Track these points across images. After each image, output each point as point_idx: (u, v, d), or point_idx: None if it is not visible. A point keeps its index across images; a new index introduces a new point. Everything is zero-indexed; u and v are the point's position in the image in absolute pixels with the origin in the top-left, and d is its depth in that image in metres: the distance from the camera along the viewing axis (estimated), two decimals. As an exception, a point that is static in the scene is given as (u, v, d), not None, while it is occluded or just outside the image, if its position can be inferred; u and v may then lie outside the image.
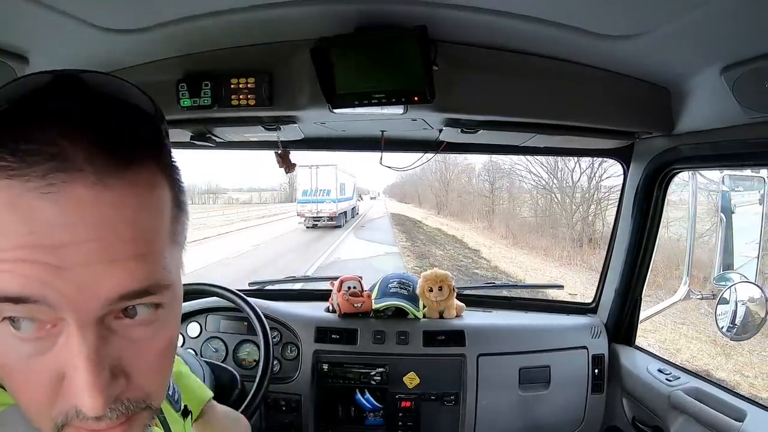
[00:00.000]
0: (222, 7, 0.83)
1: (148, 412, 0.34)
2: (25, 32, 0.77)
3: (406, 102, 0.95)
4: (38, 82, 0.31)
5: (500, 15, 0.83)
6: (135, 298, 0.31)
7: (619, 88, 1.05)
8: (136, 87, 0.35)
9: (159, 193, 0.32)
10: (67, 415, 0.30)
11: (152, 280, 0.31)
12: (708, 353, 5.26)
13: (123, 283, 0.30)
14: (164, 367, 0.36)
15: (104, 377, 0.30)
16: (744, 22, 0.70)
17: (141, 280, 0.31)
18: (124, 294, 0.30)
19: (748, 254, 1.32)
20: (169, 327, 0.35)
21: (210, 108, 1.01)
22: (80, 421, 0.30)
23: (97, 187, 0.28)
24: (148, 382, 0.33)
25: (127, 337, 0.32)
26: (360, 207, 27.01)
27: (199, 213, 28.99)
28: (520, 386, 1.41)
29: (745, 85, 0.80)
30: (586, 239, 11.93)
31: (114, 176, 0.29)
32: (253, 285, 1.74)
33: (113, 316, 0.31)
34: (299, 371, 1.42)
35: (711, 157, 1.11)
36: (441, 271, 1.51)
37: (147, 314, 0.32)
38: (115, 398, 0.31)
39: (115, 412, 0.31)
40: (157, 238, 0.32)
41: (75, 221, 0.28)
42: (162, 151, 0.34)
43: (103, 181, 0.29)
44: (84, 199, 0.28)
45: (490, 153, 2.59)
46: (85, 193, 0.28)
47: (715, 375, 4.68)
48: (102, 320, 0.30)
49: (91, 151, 0.28)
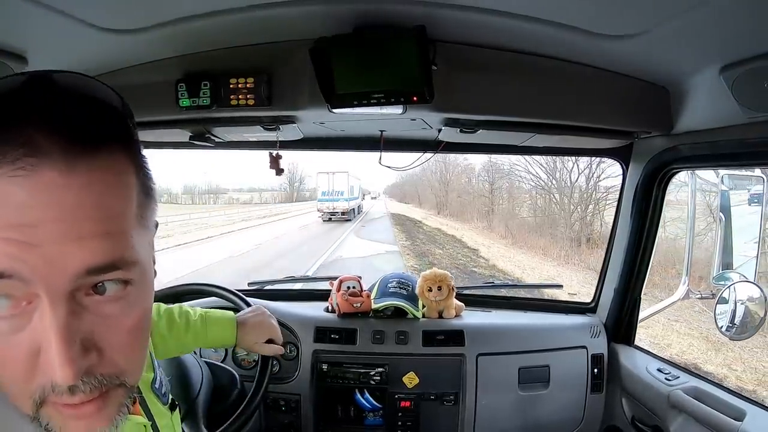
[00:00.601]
0: (221, 7, 0.83)
1: (123, 389, 0.36)
2: (24, 32, 0.77)
3: (405, 102, 0.96)
4: (14, 82, 0.34)
5: (499, 15, 0.84)
6: (102, 272, 0.33)
7: (618, 88, 1.05)
8: (106, 86, 0.38)
9: (125, 179, 0.35)
10: (44, 389, 0.32)
11: (117, 255, 0.33)
12: (698, 348, 5.34)
13: (89, 258, 0.32)
14: (137, 345, 0.37)
15: (75, 349, 0.32)
16: (743, 22, 0.70)
17: (106, 255, 0.33)
18: (91, 268, 0.32)
19: (746, 254, 1.32)
20: (139, 305, 0.37)
21: (209, 108, 1.01)
22: (56, 395, 0.32)
23: (65, 172, 0.31)
24: (120, 357, 0.35)
25: (97, 312, 0.34)
26: (363, 205, 30.45)
27: (200, 213, 29.15)
28: (519, 386, 1.41)
29: (744, 85, 0.80)
30: (584, 239, 11.97)
31: (81, 162, 0.32)
32: (252, 285, 1.74)
33: (84, 293, 0.33)
34: (299, 371, 1.42)
35: (710, 157, 1.11)
36: (440, 270, 1.51)
37: (116, 290, 0.34)
38: (86, 371, 0.33)
39: (88, 386, 0.33)
40: (123, 219, 0.35)
41: (45, 202, 0.30)
42: (129, 142, 0.36)
43: (70, 166, 0.31)
44: (53, 182, 0.31)
45: (489, 153, 2.60)
46: (54, 177, 0.31)
47: (703, 368, 4.75)
48: (73, 296, 0.32)
49: (59, 139, 0.31)
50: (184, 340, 1.01)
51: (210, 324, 1.05)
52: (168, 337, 0.98)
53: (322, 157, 20.81)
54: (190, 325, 1.03)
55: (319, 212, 21.54)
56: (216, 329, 1.05)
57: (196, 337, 1.03)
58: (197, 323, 1.03)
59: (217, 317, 1.06)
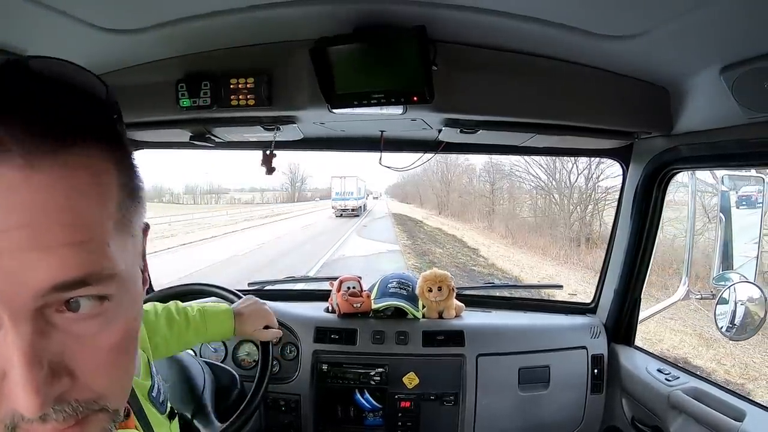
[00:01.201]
0: (221, 8, 0.83)
1: (104, 414, 0.32)
2: (24, 32, 0.77)
3: (406, 102, 0.96)
4: None
5: (500, 15, 0.83)
6: (71, 289, 0.28)
7: (618, 88, 1.05)
8: (94, 75, 0.34)
9: (102, 178, 0.31)
10: (13, 416, 0.28)
11: (90, 269, 0.29)
12: (690, 344, 5.42)
13: (55, 272, 0.27)
14: (119, 364, 0.33)
15: (41, 375, 0.27)
16: (743, 23, 0.70)
17: (76, 269, 0.28)
18: (58, 284, 0.28)
19: (746, 254, 1.32)
20: (120, 321, 0.32)
21: (209, 108, 1.01)
22: (26, 423, 0.28)
23: (26, 170, 0.27)
24: (96, 381, 0.31)
25: (69, 332, 0.29)
26: (367, 204, 34.78)
27: (203, 213, 29.47)
28: (519, 386, 1.41)
29: (744, 85, 0.80)
30: (583, 239, 11.99)
31: (46, 158, 0.27)
32: (252, 285, 1.74)
33: (54, 309, 0.29)
34: (299, 371, 1.42)
35: (710, 157, 1.11)
36: (440, 271, 1.51)
37: (91, 307, 0.30)
38: (57, 398, 0.29)
39: (60, 414, 0.29)
40: (97, 225, 0.30)
41: (3, 206, 0.26)
42: (109, 136, 0.32)
43: (32, 163, 0.27)
44: (12, 182, 0.26)
45: (489, 153, 2.60)
46: (13, 176, 0.26)
47: (692, 363, 4.84)
48: (41, 313, 0.28)
49: (22, 133, 0.27)
50: (186, 338, 1.03)
51: (209, 318, 1.07)
52: (169, 336, 0.98)
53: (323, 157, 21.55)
54: (190, 321, 1.04)
55: (333, 209, 25.79)
56: (215, 322, 1.07)
57: (197, 333, 1.05)
58: (197, 318, 1.05)
59: (215, 311, 1.09)
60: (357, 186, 25.45)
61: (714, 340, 5.26)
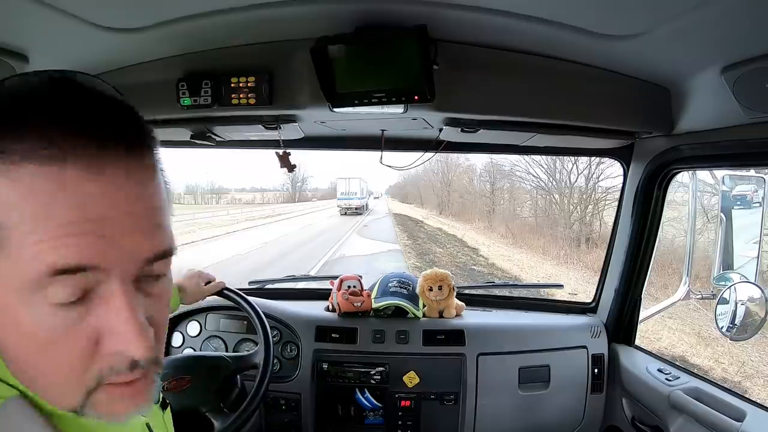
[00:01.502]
0: (222, 6, 0.83)
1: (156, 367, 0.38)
2: (26, 31, 0.77)
3: (406, 101, 0.95)
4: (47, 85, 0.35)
5: (500, 15, 0.83)
6: (160, 258, 0.37)
7: (619, 88, 1.05)
8: (117, 90, 0.40)
9: (159, 175, 0.39)
10: (101, 374, 0.35)
11: (168, 243, 0.38)
12: (688, 342, 5.43)
13: (154, 246, 0.36)
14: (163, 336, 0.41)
15: (145, 324, 0.35)
16: (744, 22, 0.70)
17: (164, 243, 0.37)
18: (156, 254, 0.36)
19: (746, 254, 1.32)
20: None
21: (210, 107, 1.01)
22: (116, 375, 0.35)
23: (127, 171, 0.34)
24: (160, 335, 0.39)
25: (150, 293, 0.38)
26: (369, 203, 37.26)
27: (204, 212, 29.56)
28: (519, 386, 1.41)
29: (746, 85, 0.80)
30: (583, 239, 11.98)
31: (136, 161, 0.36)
32: (253, 284, 1.74)
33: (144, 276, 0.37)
34: (299, 370, 1.42)
35: (711, 157, 1.11)
36: (441, 270, 1.51)
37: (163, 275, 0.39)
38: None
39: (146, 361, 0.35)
40: (164, 211, 0.39)
41: (113, 197, 0.34)
42: (154, 141, 0.39)
43: (131, 165, 0.35)
44: (119, 179, 0.34)
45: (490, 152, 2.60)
46: (120, 174, 0.34)
47: (690, 361, 4.84)
48: (138, 279, 0.36)
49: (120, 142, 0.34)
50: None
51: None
52: None
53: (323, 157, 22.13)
54: None
55: (338, 207, 28.67)
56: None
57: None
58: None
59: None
60: (360, 186, 28.39)
61: (712, 339, 5.27)
